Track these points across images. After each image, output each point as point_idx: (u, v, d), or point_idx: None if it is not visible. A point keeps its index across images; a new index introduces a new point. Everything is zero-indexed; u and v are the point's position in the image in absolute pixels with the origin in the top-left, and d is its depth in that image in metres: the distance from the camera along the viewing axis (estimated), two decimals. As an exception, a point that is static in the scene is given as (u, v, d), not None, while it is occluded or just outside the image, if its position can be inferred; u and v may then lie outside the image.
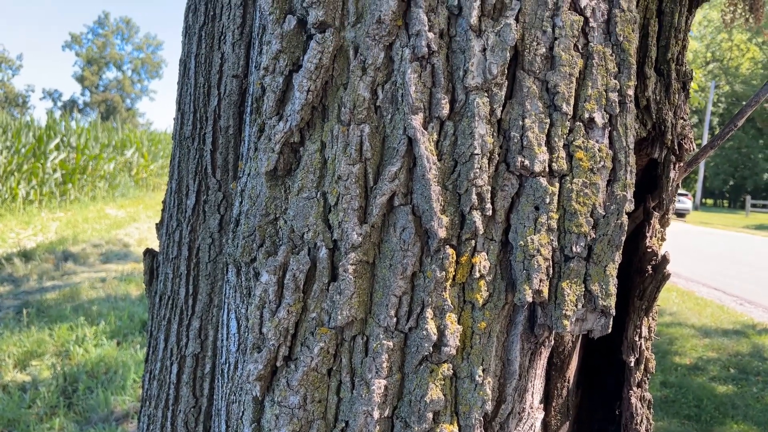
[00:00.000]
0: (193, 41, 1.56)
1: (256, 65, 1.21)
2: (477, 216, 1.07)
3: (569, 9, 1.10)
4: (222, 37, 1.49)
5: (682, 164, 1.48)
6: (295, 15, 1.12)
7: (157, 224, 1.76)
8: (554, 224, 1.08)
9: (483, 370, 1.09)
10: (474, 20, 1.05)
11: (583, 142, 1.10)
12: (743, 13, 5.47)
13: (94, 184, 18.36)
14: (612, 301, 1.09)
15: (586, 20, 1.12)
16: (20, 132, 16.59)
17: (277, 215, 1.14)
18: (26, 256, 9.99)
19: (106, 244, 11.69)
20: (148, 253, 1.79)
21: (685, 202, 33.14)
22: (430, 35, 1.06)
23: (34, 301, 7.67)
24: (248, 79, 1.42)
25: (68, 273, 9.39)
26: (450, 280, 1.08)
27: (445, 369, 1.07)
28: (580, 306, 1.08)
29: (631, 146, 1.15)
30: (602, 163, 1.10)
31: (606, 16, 1.13)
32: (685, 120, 1.45)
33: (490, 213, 1.08)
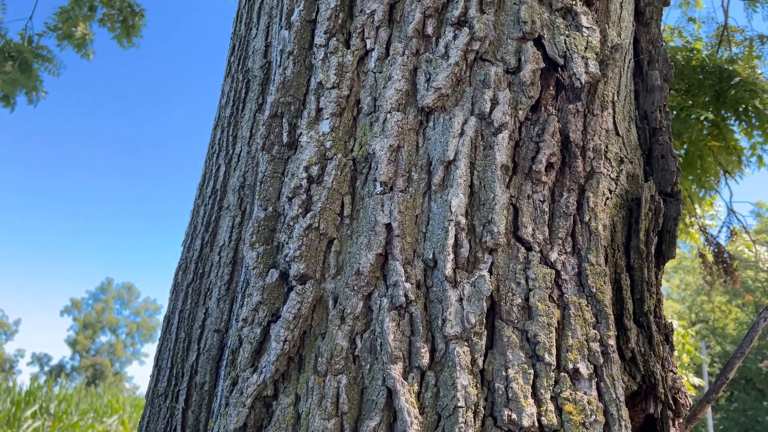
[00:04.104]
0: (180, 298, 1.60)
1: (236, 318, 1.21)
2: (465, 479, 0.97)
3: (540, 263, 1.15)
4: (208, 293, 1.53)
5: (681, 421, 1.40)
6: (278, 269, 1.16)
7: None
8: (551, 488, 0.97)
9: None
10: (449, 272, 1.09)
11: (570, 393, 1.05)
12: (719, 276, 5.75)
13: (64, 457, 16.95)
14: None
15: (558, 273, 1.16)
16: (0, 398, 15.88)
17: (243, 481, 1.03)
18: None
19: None
20: None
21: (702, 473, 30.48)
22: (407, 285, 1.08)
23: None
24: (228, 333, 1.41)
25: None
26: None
27: None
28: None
29: (622, 399, 1.10)
30: (594, 416, 1.04)
31: (577, 270, 1.18)
32: (675, 373, 1.41)
33: (479, 475, 0.98)
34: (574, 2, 1.34)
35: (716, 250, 5.68)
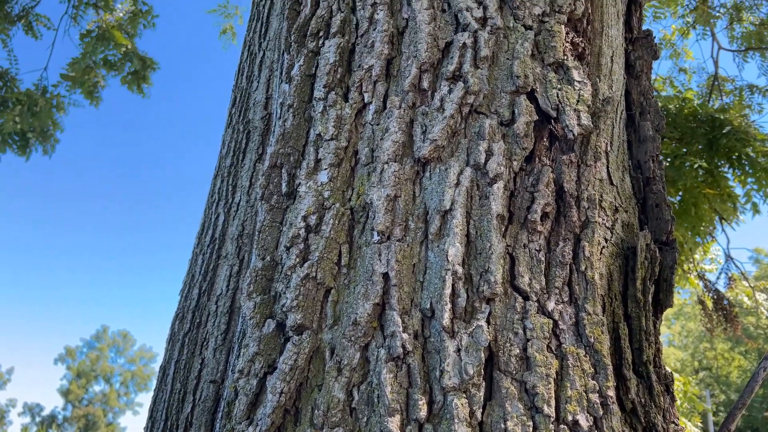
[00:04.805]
0: (176, 348, 1.58)
1: (232, 368, 1.20)
2: None
3: (537, 312, 1.15)
4: (204, 343, 1.52)
5: (685, 474, 1.37)
6: (275, 319, 1.16)
7: None
8: None
9: None
10: (446, 322, 1.09)
11: (571, 446, 1.04)
12: (720, 323, 5.72)
13: None
14: None
15: (555, 323, 1.16)
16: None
17: None
18: None
19: None
20: None
21: None
22: (405, 336, 1.08)
23: None
24: (224, 384, 1.40)
25: None
26: None
27: None
28: None
29: (624, 451, 1.08)
30: (595, 470, 1.02)
31: (574, 319, 1.18)
32: (676, 425, 1.39)
33: None
34: (565, 57, 1.39)
35: (715, 297, 5.66)
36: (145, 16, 5.99)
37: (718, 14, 6.57)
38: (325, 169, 1.30)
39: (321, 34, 1.47)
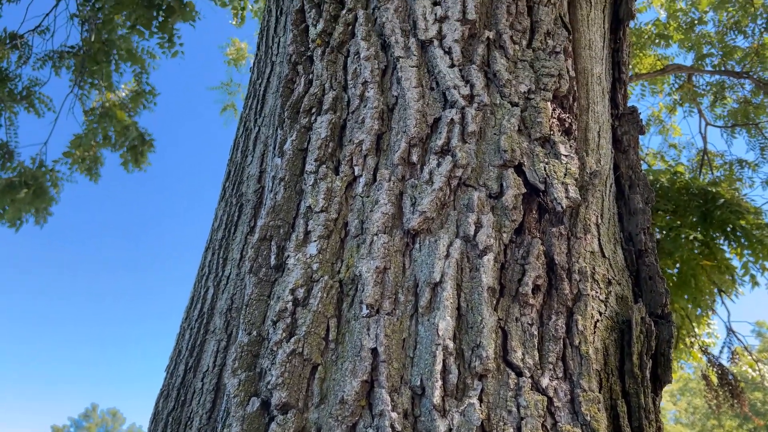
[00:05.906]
0: (159, 427, 1.52)
1: (215, 450, 1.15)
2: None
3: (531, 389, 1.12)
4: (189, 422, 1.46)
5: None
6: (260, 397, 1.12)
7: None
8: None
9: None
10: (437, 400, 1.05)
11: None
12: (726, 399, 5.56)
13: None
14: None
15: (550, 400, 1.12)
16: None
17: None
18: None
19: None
20: None
21: None
22: (394, 415, 1.04)
23: None
24: (207, 466, 1.33)
25: None
26: None
27: None
28: None
29: None
30: None
31: (569, 396, 1.14)
32: None
33: None
34: (552, 132, 1.41)
35: (719, 372, 5.53)
36: (147, 96, 6.18)
37: (703, 92, 6.80)
38: (315, 241, 1.29)
39: (313, 110, 1.51)
